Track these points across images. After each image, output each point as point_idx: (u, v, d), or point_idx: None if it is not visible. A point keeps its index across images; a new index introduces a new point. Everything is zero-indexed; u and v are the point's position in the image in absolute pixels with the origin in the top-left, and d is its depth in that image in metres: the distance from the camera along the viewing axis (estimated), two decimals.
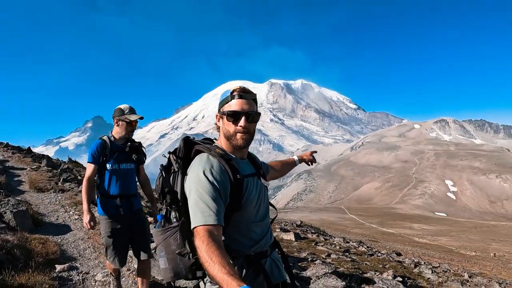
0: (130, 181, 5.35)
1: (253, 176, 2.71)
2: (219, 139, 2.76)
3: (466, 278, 12.45)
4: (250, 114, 2.60)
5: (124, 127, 5.17)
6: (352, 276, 8.09)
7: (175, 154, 2.69)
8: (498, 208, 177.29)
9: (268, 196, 2.87)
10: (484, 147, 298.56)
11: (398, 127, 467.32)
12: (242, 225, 2.60)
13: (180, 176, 2.62)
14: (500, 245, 55.75)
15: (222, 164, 2.50)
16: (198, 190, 2.37)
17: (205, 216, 2.26)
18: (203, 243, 2.13)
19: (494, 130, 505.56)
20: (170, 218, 2.66)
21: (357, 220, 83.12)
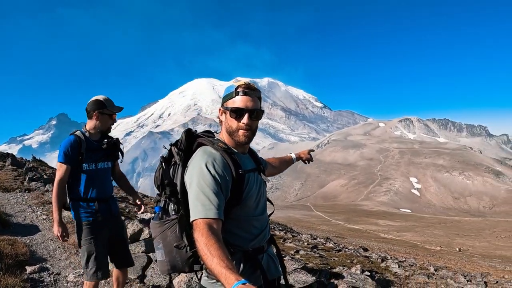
0: (108, 181, 4.85)
1: (254, 171, 2.71)
2: (220, 133, 2.74)
3: (432, 271, 12.68)
4: (254, 111, 2.58)
5: (105, 120, 4.64)
6: (321, 271, 8.16)
7: (176, 146, 2.64)
8: (461, 204, 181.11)
9: (266, 192, 2.85)
10: (447, 145, 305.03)
11: (363, 125, 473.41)
12: (242, 220, 2.59)
13: (180, 169, 2.58)
14: (464, 240, 56.96)
15: (225, 158, 2.49)
16: (199, 183, 2.35)
17: (205, 209, 2.25)
18: (202, 236, 2.12)
19: (457, 129, 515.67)
20: (168, 210, 2.60)
21: (323, 217, 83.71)
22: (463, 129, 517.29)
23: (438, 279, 10.55)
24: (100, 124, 4.63)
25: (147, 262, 6.92)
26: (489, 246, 51.24)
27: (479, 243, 53.76)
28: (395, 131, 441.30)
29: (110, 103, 4.65)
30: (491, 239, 59.87)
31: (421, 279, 9.99)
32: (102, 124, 4.64)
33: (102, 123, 4.64)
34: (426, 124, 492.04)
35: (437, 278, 10.81)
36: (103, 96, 4.68)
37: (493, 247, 50.93)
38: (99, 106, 4.56)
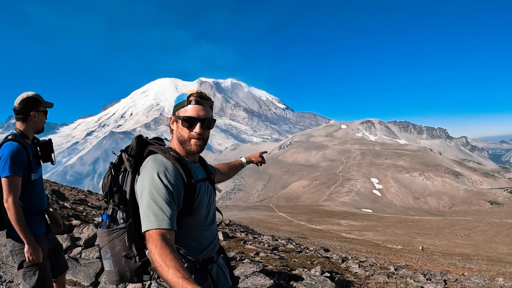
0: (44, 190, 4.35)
1: (204, 181, 2.69)
2: (171, 141, 2.71)
3: (392, 271, 12.75)
4: (205, 120, 2.57)
5: (42, 119, 4.12)
6: (281, 274, 8.04)
7: (127, 153, 2.58)
8: (421, 204, 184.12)
9: (215, 201, 2.85)
10: (408, 147, 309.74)
11: (325, 127, 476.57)
12: (193, 230, 2.58)
13: (130, 176, 2.54)
14: (424, 238, 57.68)
15: (176, 167, 2.47)
16: (151, 192, 2.31)
17: (158, 220, 2.21)
18: (156, 247, 2.08)
19: (417, 131, 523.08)
20: (116, 219, 2.57)
21: (285, 218, 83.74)
22: (423, 132, 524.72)
23: (398, 279, 10.55)
24: (37, 124, 4.11)
25: (101, 268, 6.60)
26: (449, 244, 52.01)
27: (439, 242, 54.50)
28: (356, 133, 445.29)
29: (42, 99, 4.12)
30: (451, 237, 60.81)
31: (381, 279, 9.97)
32: (39, 124, 4.13)
33: (39, 123, 4.12)
34: (387, 126, 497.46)
35: (397, 278, 10.82)
36: (32, 92, 4.11)
37: (452, 245, 51.71)
38: (35, 103, 4.04)
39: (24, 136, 4.01)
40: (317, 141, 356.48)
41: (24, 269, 3.97)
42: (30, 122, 4.04)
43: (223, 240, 14.80)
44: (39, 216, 4.14)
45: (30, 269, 3.96)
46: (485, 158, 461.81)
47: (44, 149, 4.23)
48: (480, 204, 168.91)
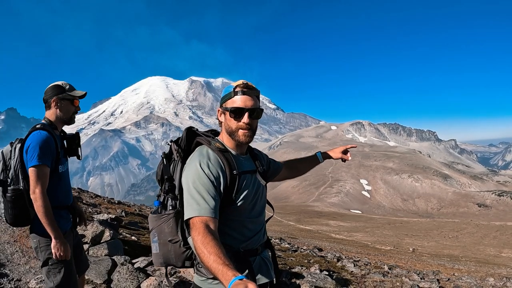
0: (70, 185, 4.20)
1: (251, 173, 2.68)
2: (221, 134, 2.73)
3: (387, 270, 12.98)
4: (254, 110, 2.58)
5: (67, 107, 3.92)
6: (282, 271, 8.20)
7: (176, 144, 2.68)
8: (410, 205, 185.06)
9: (265, 195, 2.83)
10: (397, 149, 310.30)
11: (315, 128, 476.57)
12: (235, 220, 2.58)
13: (179, 166, 2.62)
14: (413, 240, 58.02)
15: (220, 158, 2.50)
16: (194, 182, 2.37)
17: (200, 208, 2.26)
18: (198, 234, 2.13)
19: (407, 134, 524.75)
20: (166, 205, 2.62)
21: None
22: (412, 134, 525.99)
23: (394, 277, 10.78)
24: (61, 113, 3.89)
25: (112, 266, 6.56)
26: (437, 246, 52.32)
27: (427, 243, 54.82)
28: (346, 134, 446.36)
29: (71, 87, 3.96)
30: (439, 239, 61.18)
31: (377, 277, 10.19)
32: (64, 113, 3.91)
33: (64, 111, 3.91)
34: (377, 128, 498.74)
35: (392, 277, 11.05)
36: (62, 81, 3.96)
37: (441, 246, 52.04)
38: (58, 91, 3.86)
39: (52, 126, 3.87)
40: (307, 141, 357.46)
41: (48, 267, 3.80)
42: (53, 110, 3.88)
43: None
44: (66, 211, 3.98)
45: (56, 266, 3.78)
46: (473, 161, 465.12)
47: (71, 143, 4.08)
48: (468, 206, 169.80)
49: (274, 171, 3.21)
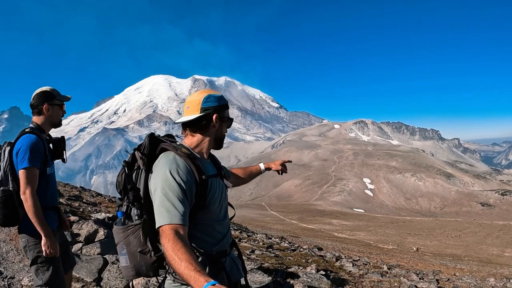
0: (56, 186, 4.36)
1: (216, 177, 2.75)
2: (189, 138, 2.75)
3: (386, 270, 12.90)
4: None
5: (57, 112, 4.11)
6: (277, 271, 8.15)
7: (139, 151, 2.63)
8: (413, 204, 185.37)
9: (227, 197, 2.90)
10: (400, 147, 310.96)
11: (318, 126, 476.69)
12: (206, 224, 2.63)
13: (144, 174, 2.60)
14: (415, 239, 57.97)
15: (188, 164, 2.52)
16: (164, 190, 2.37)
17: (171, 216, 2.27)
18: (169, 241, 2.15)
19: (410, 132, 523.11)
20: (131, 215, 2.61)
21: (277, 217, 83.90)
22: (416, 133, 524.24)
23: (392, 277, 10.69)
24: (52, 118, 4.09)
25: (103, 264, 6.63)
26: (440, 245, 52.27)
27: (430, 242, 54.76)
28: (349, 132, 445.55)
29: (58, 92, 4.13)
30: (441, 238, 61.15)
31: (375, 277, 10.10)
32: (54, 117, 4.11)
33: (54, 116, 4.10)
34: (380, 126, 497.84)
35: (391, 277, 10.96)
36: (48, 87, 4.12)
37: (443, 245, 51.99)
38: (48, 97, 4.04)
39: (40, 130, 4.02)
40: (309, 140, 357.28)
41: (37, 265, 3.94)
42: (45, 115, 4.04)
43: None
44: (53, 211, 4.14)
45: (44, 264, 3.94)
46: (477, 160, 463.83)
47: (57, 146, 4.23)
48: (471, 205, 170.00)
49: (227, 177, 3.17)
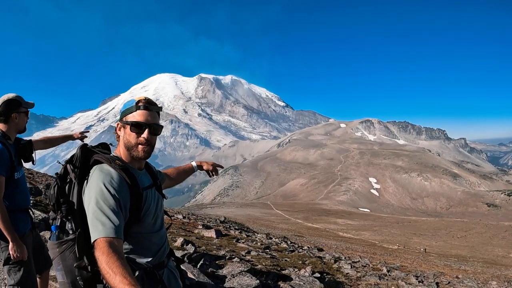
0: (27, 189, 4.38)
1: (151, 188, 2.72)
2: (117, 148, 2.72)
3: (385, 272, 12.67)
4: (153, 126, 2.62)
5: (23, 120, 4.18)
6: (269, 274, 7.96)
7: (71, 163, 2.59)
8: (419, 204, 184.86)
9: (163, 206, 2.89)
10: (406, 147, 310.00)
11: (324, 125, 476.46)
12: (141, 237, 2.60)
13: (77, 186, 2.54)
14: (421, 239, 57.83)
15: (122, 176, 2.48)
16: (98, 202, 2.32)
17: (105, 229, 2.22)
18: (103, 254, 2.10)
19: (416, 132, 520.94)
20: (65, 229, 2.57)
21: (283, 216, 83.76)
22: (422, 132, 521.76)
23: (390, 281, 10.46)
24: (18, 125, 4.15)
25: None
26: (445, 245, 52.07)
27: (435, 243, 54.58)
28: (355, 132, 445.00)
29: (23, 100, 4.19)
30: (447, 238, 60.95)
31: (373, 280, 9.89)
32: (20, 124, 4.18)
33: (20, 123, 4.17)
34: (386, 126, 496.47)
35: (389, 280, 10.73)
36: (13, 94, 4.15)
37: (449, 246, 51.79)
38: (16, 105, 4.10)
39: (5, 137, 4.04)
40: (315, 139, 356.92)
41: (9, 265, 4.03)
42: (12, 123, 4.09)
43: (216, 238, 14.69)
44: (24, 214, 4.19)
45: (15, 265, 4.03)
46: (483, 160, 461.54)
47: (24, 150, 4.25)
48: (477, 206, 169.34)
49: (162, 182, 3.20)
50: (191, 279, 6.31)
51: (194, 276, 6.45)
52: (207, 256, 8.85)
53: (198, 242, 11.66)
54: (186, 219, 22.61)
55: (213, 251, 10.57)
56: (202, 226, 18.42)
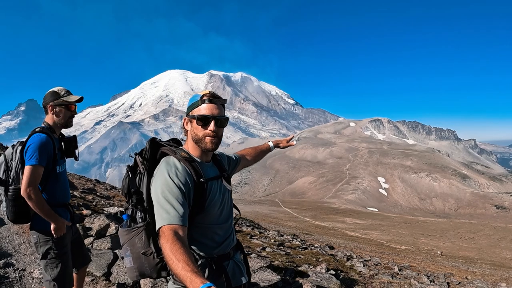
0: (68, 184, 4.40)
1: (217, 179, 2.74)
2: (186, 143, 2.78)
3: (396, 271, 12.81)
4: (219, 118, 2.64)
5: (63, 113, 4.11)
6: (287, 270, 8.13)
7: (141, 156, 2.70)
8: (427, 205, 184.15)
9: (231, 199, 2.90)
10: (416, 147, 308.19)
11: (334, 124, 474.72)
12: (205, 227, 2.64)
13: (146, 178, 2.64)
14: (428, 240, 57.78)
15: (187, 167, 2.55)
16: (163, 192, 2.40)
17: (170, 217, 2.28)
18: (167, 242, 2.14)
19: (426, 132, 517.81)
20: (135, 218, 2.65)
21: (291, 213, 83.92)
22: (432, 132, 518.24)
23: (402, 279, 10.63)
24: (57, 118, 4.11)
25: (113, 259, 6.63)
26: (453, 247, 52.04)
27: (443, 244, 54.53)
28: (365, 131, 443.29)
29: (66, 93, 4.13)
30: (455, 240, 60.84)
31: (385, 278, 10.05)
32: (60, 118, 4.12)
33: (60, 117, 4.12)
34: (396, 125, 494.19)
35: (401, 278, 10.90)
36: (59, 87, 4.15)
37: (456, 247, 51.76)
38: (54, 97, 4.06)
39: (51, 130, 4.07)
40: (325, 137, 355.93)
41: (46, 261, 4.06)
42: (50, 116, 4.10)
43: None
44: (63, 208, 4.21)
45: (53, 260, 4.05)
46: (493, 162, 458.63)
47: (68, 145, 4.30)
48: (486, 207, 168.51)
49: (234, 166, 3.29)
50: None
51: None
52: None
53: None
54: None
55: None
56: None
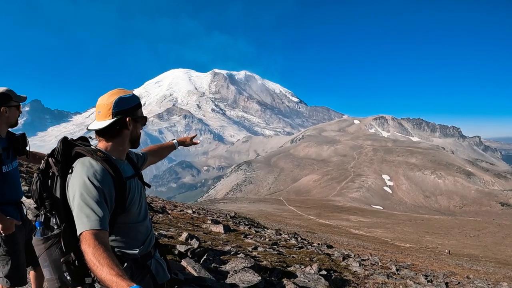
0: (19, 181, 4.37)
1: (133, 177, 2.73)
2: (102, 141, 2.67)
3: (393, 271, 12.54)
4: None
5: (14, 113, 4.18)
6: (274, 270, 7.85)
7: (53, 157, 2.54)
8: (432, 202, 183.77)
9: (145, 196, 2.92)
10: (420, 144, 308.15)
11: (338, 122, 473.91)
12: (129, 227, 2.62)
13: (60, 180, 2.49)
14: (433, 238, 57.49)
15: (105, 168, 2.47)
16: (82, 195, 2.31)
17: (90, 221, 2.22)
18: (89, 246, 2.09)
19: (430, 129, 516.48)
20: (50, 225, 2.53)
21: (295, 212, 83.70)
22: (436, 130, 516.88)
23: (398, 279, 10.32)
24: (9, 119, 4.13)
25: None
26: (457, 245, 51.74)
27: (448, 241, 54.24)
28: (369, 128, 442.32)
29: (14, 93, 4.15)
30: (460, 237, 60.51)
31: (381, 279, 9.77)
32: (11, 118, 4.16)
33: (12, 117, 4.16)
34: (400, 123, 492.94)
35: (397, 278, 10.59)
36: (3, 88, 4.12)
37: (461, 245, 51.45)
38: (5, 99, 4.06)
39: None
40: (329, 135, 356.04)
41: None
42: (2, 117, 4.08)
43: (223, 233, 14.59)
44: (13, 206, 4.20)
45: (3, 258, 4.08)
46: (498, 159, 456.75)
47: (17, 144, 4.23)
48: (491, 205, 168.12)
49: (142, 163, 3.28)
50: (187, 274, 6.23)
51: (195, 271, 6.36)
52: (211, 251, 8.75)
53: (204, 237, 11.56)
54: (196, 214, 22.55)
55: (219, 246, 10.46)
56: (210, 221, 18.34)
